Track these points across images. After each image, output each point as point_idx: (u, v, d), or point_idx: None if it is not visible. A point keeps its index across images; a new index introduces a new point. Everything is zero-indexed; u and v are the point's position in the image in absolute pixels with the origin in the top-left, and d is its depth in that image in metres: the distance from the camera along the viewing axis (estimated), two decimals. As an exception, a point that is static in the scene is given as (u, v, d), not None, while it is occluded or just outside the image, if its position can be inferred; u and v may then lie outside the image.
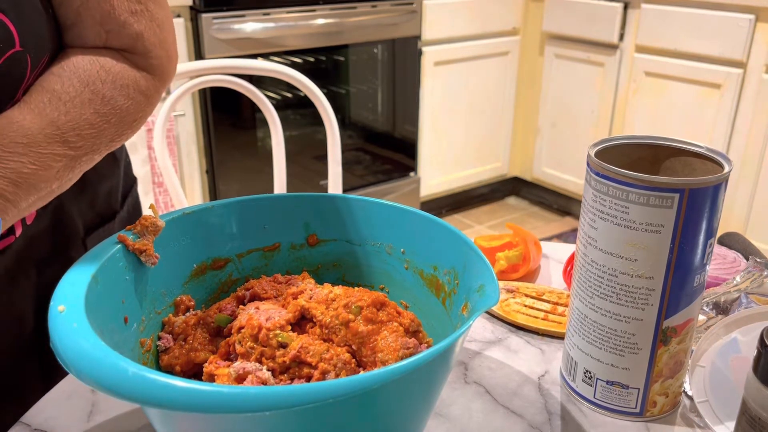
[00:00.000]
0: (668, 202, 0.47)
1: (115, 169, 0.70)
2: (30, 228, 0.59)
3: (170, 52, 0.58)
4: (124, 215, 0.72)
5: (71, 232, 0.64)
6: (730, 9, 2.15)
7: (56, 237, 0.62)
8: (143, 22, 0.54)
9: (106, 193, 0.69)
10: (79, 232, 0.65)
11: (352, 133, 2.59)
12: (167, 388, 0.35)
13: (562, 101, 2.75)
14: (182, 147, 2.09)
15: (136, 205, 0.76)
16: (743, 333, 0.55)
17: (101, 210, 0.69)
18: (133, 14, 0.53)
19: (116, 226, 0.70)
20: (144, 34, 0.54)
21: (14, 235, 0.57)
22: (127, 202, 0.73)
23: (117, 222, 0.71)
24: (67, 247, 0.64)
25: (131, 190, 0.75)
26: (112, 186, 0.70)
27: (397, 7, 2.39)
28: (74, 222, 0.64)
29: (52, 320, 0.40)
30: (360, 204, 0.59)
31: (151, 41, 0.55)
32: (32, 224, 0.59)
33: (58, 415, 0.55)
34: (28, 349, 0.62)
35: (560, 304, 0.70)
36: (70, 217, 0.64)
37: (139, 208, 0.77)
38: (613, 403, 0.55)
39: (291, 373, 0.48)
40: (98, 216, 0.68)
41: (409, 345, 0.49)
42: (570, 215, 2.94)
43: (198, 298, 0.57)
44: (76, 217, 0.65)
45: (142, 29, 0.54)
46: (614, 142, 0.54)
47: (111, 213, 0.70)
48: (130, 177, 0.76)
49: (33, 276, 0.61)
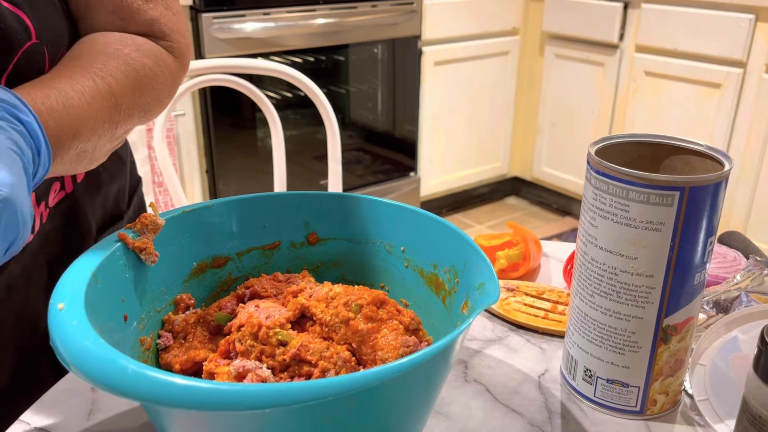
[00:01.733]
0: (668, 200, 0.47)
1: (122, 168, 0.71)
2: (45, 226, 0.59)
3: (187, 39, 0.58)
4: (131, 214, 0.73)
5: (84, 231, 0.64)
6: (730, 9, 2.15)
7: (69, 236, 0.63)
8: (158, 9, 0.54)
9: (115, 193, 0.69)
10: (92, 232, 0.66)
11: (352, 132, 2.59)
12: (167, 385, 0.35)
13: (562, 101, 2.75)
14: (182, 147, 2.09)
15: (141, 204, 0.77)
16: (743, 331, 0.55)
17: (111, 210, 0.69)
18: (146, 1, 0.54)
19: (124, 225, 0.70)
20: (160, 20, 0.54)
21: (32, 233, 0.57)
22: (133, 202, 0.74)
23: (125, 221, 0.71)
24: (80, 246, 0.64)
25: (137, 190, 0.76)
26: (121, 186, 0.71)
27: (397, 7, 2.39)
28: (88, 221, 0.65)
29: (52, 318, 0.40)
30: (360, 202, 0.59)
31: (168, 26, 0.55)
32: (47, 222, 0.59)
33: (58, 413, 0.55)
34: (42, 346, 0.62)
35: (560, 302, 0.69)
36: (84, 216, 0.64)
37: (144, 208, 0.77)
38: (613, 401, 0.55)
39: (291, 372, 0.48)
40: (108, 215, 0.69)
41: (409, 343, 0.49)
42: (570, 215, 2.94)
43: (198, 297, 0.57)
44: (90, 216, 0.65)
45: (157, 15, 0.54)
46: (614, 141, 0.54)
47: (119, 213, 0.71)
48: (135, 177, 0.76)
49: (46, 274, 0.61)
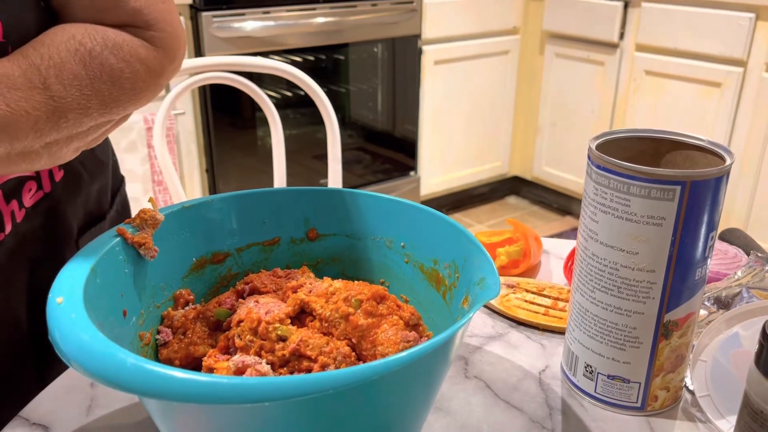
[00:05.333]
0: (670, 194, 0.47)
1: (103, 168, 0.70)
2: (21, 226, 0.58)
3: (176, 29, 0.55)
4: (114, 214, 0.72)
5: (65, 232, 0.64)
6: (730, 8, 2.15)
7: (50, 236, 0.62)
8: None
9: (96, 192, 0.69)
10: (73, 232, 0.65)
11: (352, 132, 2.59)
12: (166, 378, 0.35)
13: (562, 100, 2.75)
14: (182, 146, 2.09)
15: (125, 203, 0.76)
16: (745, 327, 0.55)
17: (93, 209, 0.68)
18: None
19: (107, 225, 0.70)
20: (143, 10, 0.52)
21: (3, 233, 0.56)
22: (116, 201, 0.73)
23: (108, 221, 0.70)
24: (61, 247, 0.64)
25: (120, 189, 0.75)
26: (102, 186, 0.70)
27: (397, 6, 2.38)
28: (68, 222, 0.64)
29: (51, 312, 0.40)
30: (360, 198, 0.59)
31: (153, 16, 0.53)
32: (23, 222, 0.58)
33: (57, 409, 0.54)
34: (23, 349, 0.62)
35: (561, 299, 0.69)
36: (63, 217, 0.63)
37: (127, 207, 0.77)
38: (614, 397, 0.55)
39: (290, 367, 0.47)
40: (90, 215, 0.68)
41: (409, 338, 0.49)
42: (570, 214, 2.94)
43: (197, 292, 0.57)
44: (70, 217, 0.64)
45: (140, 5, 0.52)
46: (615, 136, 0.54)
47: (101, 213, 0.70)
48: (118, 176, 0.75)
49: (26, 276, 0.60)
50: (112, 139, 0.75)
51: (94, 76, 0.49)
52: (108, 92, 0.50)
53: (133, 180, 1.95)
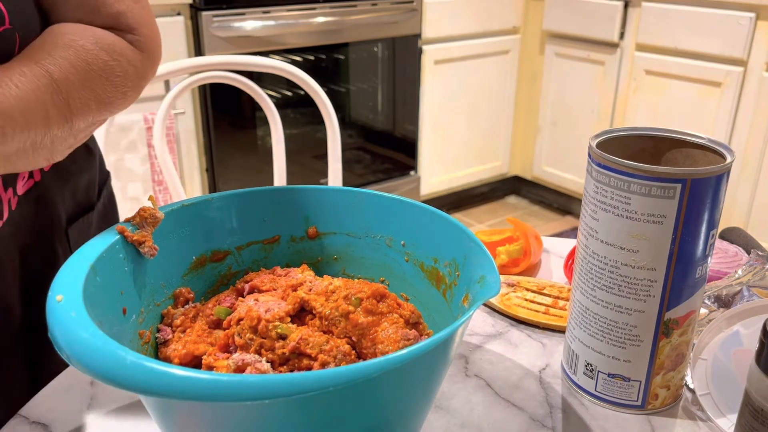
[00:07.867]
0: (670, 192, 0.47)
1: (91, 160, 0.72)
2: (15, 213, 0.59)
3: (156, 34, 0.58)
4: (101, 207, 0.74)
5: (54, 221, 0.65)
6: (730, 7, 2.15)
7: (40, 225, 0.63)
8: (125, 3, 0.54)
9: (85, 184, 0.70)
10: (62, 221, 0.66)
11: (352, 132, 2.59)
12: (166, 376, 0.35)
13: (562, 100, 2.75)
14: (182, 145, 2.09)
15: (111, 197, 0.78)
16: (745, 326, 0.55)
17: (81, 200, 0.70)
18: None
19: (94, 216, 0.72)
20: (127, 13, 0.54)
21: (1, 220, 0.57)
22: (103, 195, 0.75)
23: (95, 213, 0.72)
24: (51, 236, 0.64)
25: (106, 183, 0.77)
26: (90, 178, 0.72)
27: (397, 6, 2.38)
28: (57, 211, 0.65)
29: (50, 310, 0.40)
30: (360, 196, 0.59)
31: (135, 20, 0.55)
32: (16, 210, 0.59)
33: (57, 407, 0.54)
34: (15, 340, 0.62)
35: (561, 298, 0.69)
36: (53, 206, 0.64)
37: (114, 201, 0.79)
38: (614, 395, 0.55)
39: (290, 365, 0.47)
40: (78, 206, 0.70)
41: (409, 336, 0.49)
42: (570, 214, 2.94)
43: (197, 291, 0.56)
44: (59, 206, 0.65)
45: (123, 9, 0.54)
46: (616, 134, 0.54)
47: (90, 204, 0.72)
48: (104, 171, 0.78)
49: (17, 265, 0.61)
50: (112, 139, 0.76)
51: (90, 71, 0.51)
52: (101, 89, 0.52)
53: (133, 179, 1.95)
